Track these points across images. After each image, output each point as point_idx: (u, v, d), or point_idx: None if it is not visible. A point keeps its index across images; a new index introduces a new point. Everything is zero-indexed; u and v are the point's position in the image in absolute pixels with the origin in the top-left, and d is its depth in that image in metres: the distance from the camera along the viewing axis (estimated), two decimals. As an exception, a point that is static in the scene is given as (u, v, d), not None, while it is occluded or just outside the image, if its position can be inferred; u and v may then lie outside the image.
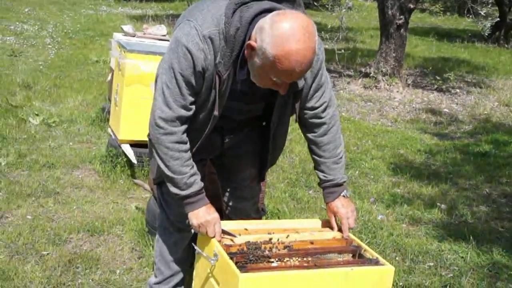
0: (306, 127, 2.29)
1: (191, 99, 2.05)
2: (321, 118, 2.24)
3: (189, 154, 2.12)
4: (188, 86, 2.01)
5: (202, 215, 2.11)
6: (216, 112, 2.08)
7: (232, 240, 2.11)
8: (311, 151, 2.33)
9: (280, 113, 2.23)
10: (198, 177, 2.14)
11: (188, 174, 2.10)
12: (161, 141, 2.07)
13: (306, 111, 2.23)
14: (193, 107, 2.08)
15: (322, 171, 2.30)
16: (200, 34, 1.95)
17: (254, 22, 1.91)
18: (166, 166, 2.09)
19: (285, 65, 1.82)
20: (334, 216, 2.30)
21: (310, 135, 2.29)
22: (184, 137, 2.10)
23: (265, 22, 1.86)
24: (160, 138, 2.07)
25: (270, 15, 1.87)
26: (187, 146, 2.11)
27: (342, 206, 2.28)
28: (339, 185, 2.30)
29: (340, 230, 2.27)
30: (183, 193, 2.11)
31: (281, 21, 1.82)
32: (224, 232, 2.12)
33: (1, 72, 7.66)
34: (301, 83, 2.09)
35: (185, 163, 2.10)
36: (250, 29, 1.92)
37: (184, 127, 2.09)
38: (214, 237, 2.08)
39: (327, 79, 2.23)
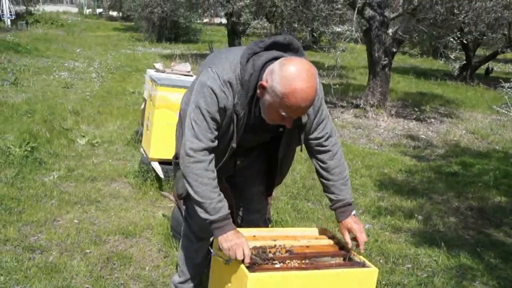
0: (314, 155, 2.23)
1: (216, 133, 2.01)
2: (324, 146, 2.19)
3: (216, 182, 2.00)
4: (214, 121, 1.98)
5: (231, 238, 1.95)
6: (234, 144, 2.06)
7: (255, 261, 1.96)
8: (320, 176, 2.23)
9: (286, 145, 2.20)
10: (225, 204, 2.01)
11: (216, 200, 1.98)
12: (191, 169, 1.97)
13: (311, 141, 2.18)
14: (216, 140, 2.03)
15: (333, 193, 2.21)
16: (221, 78, 1.94)
17: (265, 68, 1.91)
18: (196, 192, 1.98)
19: (292, 101, 1.80)
20: (348, 232, 2.19)
21: (319, 162, 2.22)
22: (212, 166, 2.00)
23: (274, 66, 1.85)
24: (191, 166, 1.97)
25: (278, 60, 1.87)
26: (215, 174, 2.01)
27: (355, 222, 2.18)
28: (349, 204, 2.21)
29: (347, 245, 2.17)
30: (212, 217, 1.97)
31: (288, 64, 1.81)
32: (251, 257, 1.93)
33: (56, 101, 7.74)
34: (304, 118, 2.06)
35: (213, 190, 1.98)
36: (261, 74, 1.91)
37: (212, 156, 2.01)
38: (243, 259, 1.89)
39: (328, 113, 2.19)
